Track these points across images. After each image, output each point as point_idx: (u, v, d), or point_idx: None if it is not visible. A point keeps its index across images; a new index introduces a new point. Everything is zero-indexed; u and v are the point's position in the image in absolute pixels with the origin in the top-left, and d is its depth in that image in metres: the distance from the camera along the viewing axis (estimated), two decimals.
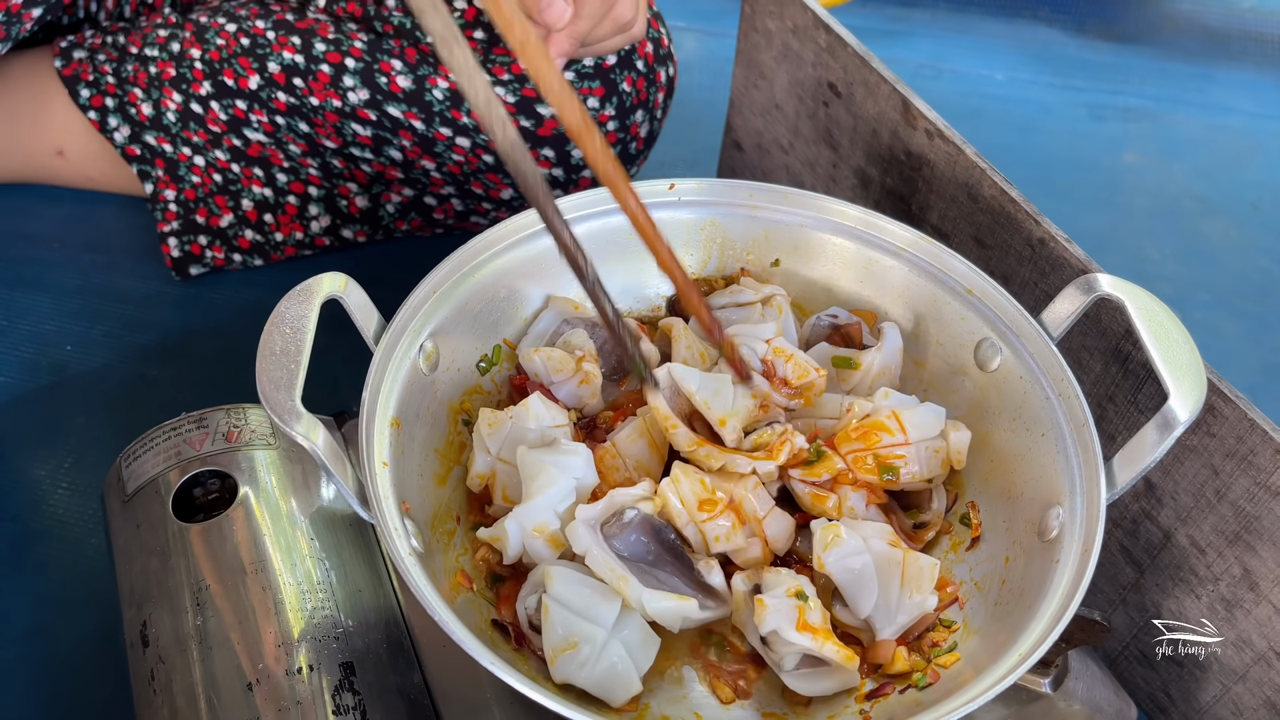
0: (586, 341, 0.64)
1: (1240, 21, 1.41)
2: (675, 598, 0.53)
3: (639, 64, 0.85)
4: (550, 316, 0.66)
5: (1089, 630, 0.53)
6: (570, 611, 0.52)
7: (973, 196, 0.69)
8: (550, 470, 0.56)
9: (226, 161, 0.89)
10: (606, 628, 0.51)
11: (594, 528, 0.54)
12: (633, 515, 0.55)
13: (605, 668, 0.51)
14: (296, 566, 0.58)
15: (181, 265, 0.92)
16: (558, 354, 0.62)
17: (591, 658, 0.51)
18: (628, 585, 0.52)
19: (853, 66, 0.76)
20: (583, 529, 0.54)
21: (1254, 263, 1.07)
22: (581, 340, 0.64)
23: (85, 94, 0.90)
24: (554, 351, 0.63)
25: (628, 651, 0.52)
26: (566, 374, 0.62)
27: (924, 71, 1.28)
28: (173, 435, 0.63)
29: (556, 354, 0.62)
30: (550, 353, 0.62)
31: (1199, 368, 0.53)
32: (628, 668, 0.51)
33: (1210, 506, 0.58)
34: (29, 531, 0.75)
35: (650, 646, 0.53)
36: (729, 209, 0.68)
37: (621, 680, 0.51)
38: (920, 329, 0.65)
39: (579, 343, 0.64)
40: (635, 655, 0.52)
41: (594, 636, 0.51)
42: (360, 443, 0.53)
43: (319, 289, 0.55)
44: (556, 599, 0.52)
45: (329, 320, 0.56)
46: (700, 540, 0.56)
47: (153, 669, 0.55)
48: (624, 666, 0.51)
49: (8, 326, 0.89)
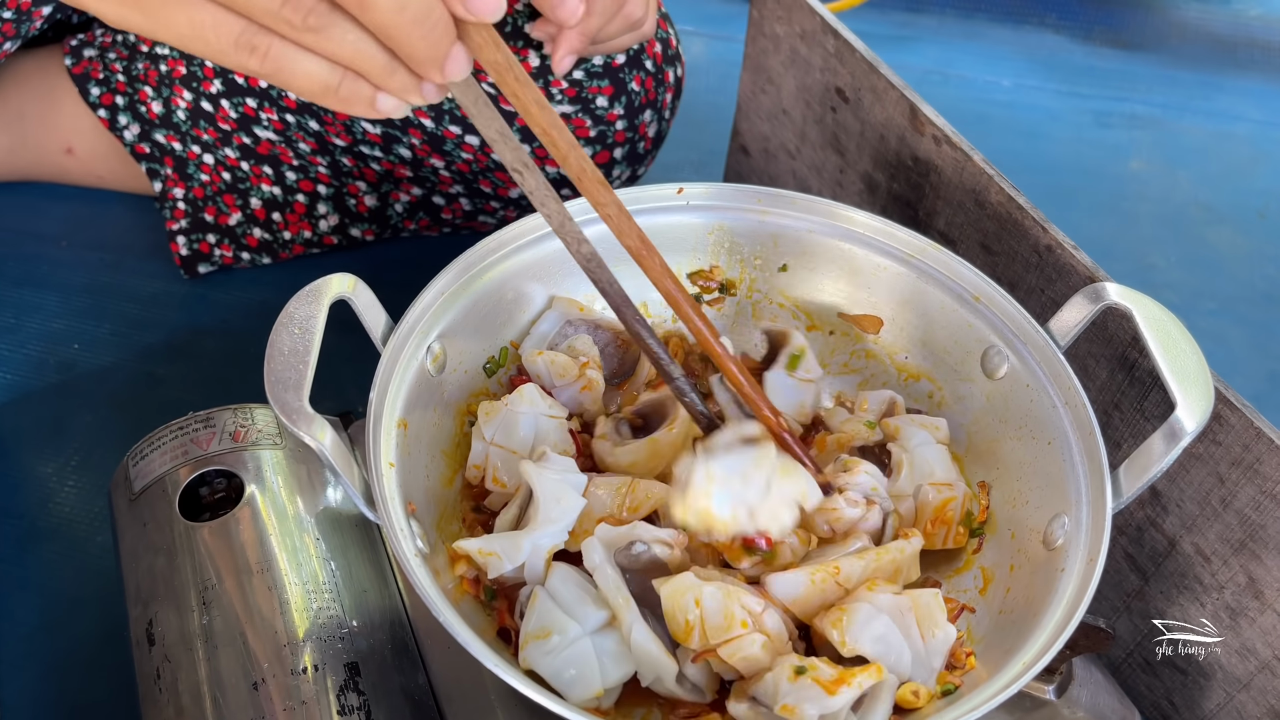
0: (590, 347, 0.64)
1: (1247, 29, 1.41)
2: (662, 650, 0.50)
3: (648, 64, 0.85)
4: (553, 317, 0.66)
5: (1093, 638, 0.53)
6: (556, 604, 0.52)
7: (980, 203, 0.69)
8: (571, 496, 0.55)
9: (236, 160, 0.90)
10: (584, 628, 0.51)
11: (609, 549, 0.53)
12: (641, 550, 0.53)
13: (568, 659, 0.50)
14: (302, 566, 0.59)
15: (190, 264, 0.92)
16: (561, 359, 0.62)
17: (559, 648, 0.50)
18: (626, 609, 0.51)
19: (860, 72, 0.76)
20: (599, 546, 0.53)
21: (1260, 270, 1.07)
22: (585, 345, 0.64)
23: (95, 92, 0.90)
24: (558, 356, 0.63)
25: (597, 656, 0.50)
26: (569, 379, 0.62)
27: (931, 77, 1.28)
28: (180, 434, 0.64)
29: (560, 359, 0.62)
30: (554, 357, 0.62)
31: (1206, 377, 0.53)
32: (592, 669, 0.50)
33: (1216, 514, 0.58)
34: (35, 529, 0.75)
35: (623, 664, 0.51)
36: (737, 214, 0.68)
37: (582, 678, 0.50)
38: (927, 336, 0.65)
39: (583, 348, 0.64)
40: (604, 662, 0.51)
41: (568, 630, 0.50)
42: (367, 444, 0.53)
43: (328, 290, 0.55)
44: (549, 590, 0.52)
45: (336, 320, 0.56)
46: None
47: (158, 667, 0.56)
48: (588, 667, 0.50)
49: (15, 325, 0.89)
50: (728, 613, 0.50)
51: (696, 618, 0.50)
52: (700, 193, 0.68)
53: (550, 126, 0.46)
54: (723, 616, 0.50)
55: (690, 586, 0.50)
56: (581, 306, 0.66)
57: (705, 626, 0.50)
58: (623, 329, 0.63)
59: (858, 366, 0.68)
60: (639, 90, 0.85)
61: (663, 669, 0.50)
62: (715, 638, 0.50)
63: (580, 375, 0.62)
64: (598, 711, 0.51)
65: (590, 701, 0.50)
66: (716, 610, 0.50)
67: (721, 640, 0.50)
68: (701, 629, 0.50)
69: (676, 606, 0.50)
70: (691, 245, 0.69)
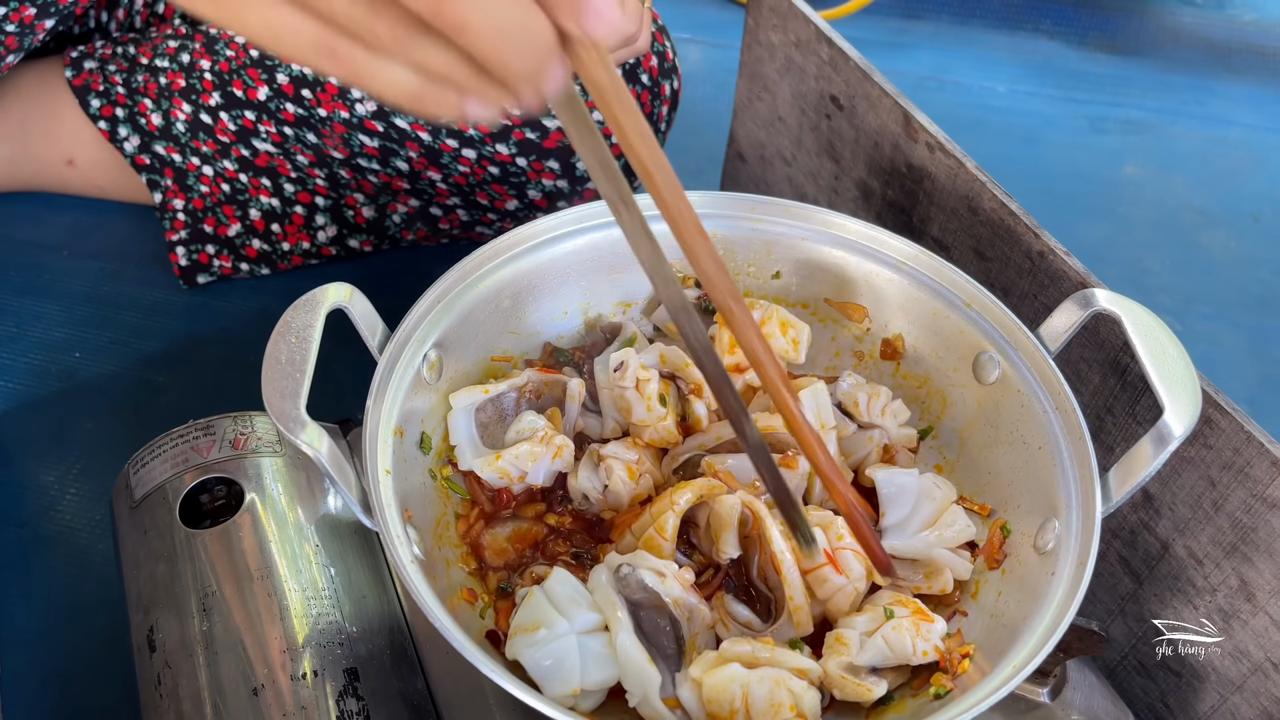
0: (537, 419, 0.61)
1: (1241, 34, 1.42)
2: (647, 660, 0.50)
3: (643, 78, 0.86)
4: (463, 418, 0.61)
5: (1087, 640, 0.53)
6: (549, 602, 0.52)
7: (973, 209, 0.70)
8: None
9: (235, 171, 0.90)
10: (574, 626, 0.51)
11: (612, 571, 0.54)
12: (628, 573, 0.53)
13: (551, 651, 0.50)
14: (302, 573, 0.59)
15: (189, 274, 0.93)
16: (524, 449, 0.59)
17: (544, 641, 0.51)
18: (618, 618, 0.51)
19: (855, 80, 0.76)
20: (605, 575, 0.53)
21: (1254, 275, 1.07)
22: (532, 420, 0.61)
23: (95, 104, 0.91)
24: (519, 449, 0.59)
25: (580, 654, 0.51)
26: (540, 458, 0.60)
27: (926, 83, 1.29)
28: (180, 442, 0.64)
29: (523, 450, 0.59)
30: (515, 452, 0.59)
31: (1194, 383, 0.54)
32: (573, 665, 0.50)
33: (1208, 518, 0.58)
34: (37, 536, 0.76)
35: (606, 668, 0.51)
36: (731, 221, 0.69)
37: (561, 670, 0.50)
38: (919, 342, 0.66)
39: (530, 424, 0.61)
40: (587, 662, 0.51)
41: (557, 625, 0.51)
42: (364, 451, 0.54)
43: (324, 299, 0.56)
44: (545, 589, 0.53)
45: (333, 329, 0.56)
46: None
47: (159, 673, 0.56)
48: (570, 662, 0.50)
49: (17, 333, 0.89)
50: (774, 700, 0.50)
51: (741, 706, 0.50)
52: (695, 201, 0.68)
53: (653, 165, 0.41)
54: (769, 704, 0.50)
55: (736, 677, 0.50)
56: (486, 388, 0.62)
57: (750, 712, 0.50)
58: (524, 382, 0.62)
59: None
60: None
61: (648, 681, 0.50)
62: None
63: (548, 448, 0.60)
64: (588, 714, 0.52)
65: (567, 699, 0.50)
66: (764, 698, 0.50)
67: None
68: (747, 714, 0.50)
69: (720, 693, 0.50)
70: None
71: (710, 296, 0.46)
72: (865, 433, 0.64)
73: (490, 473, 0.59)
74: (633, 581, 0.52)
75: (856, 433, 0.63)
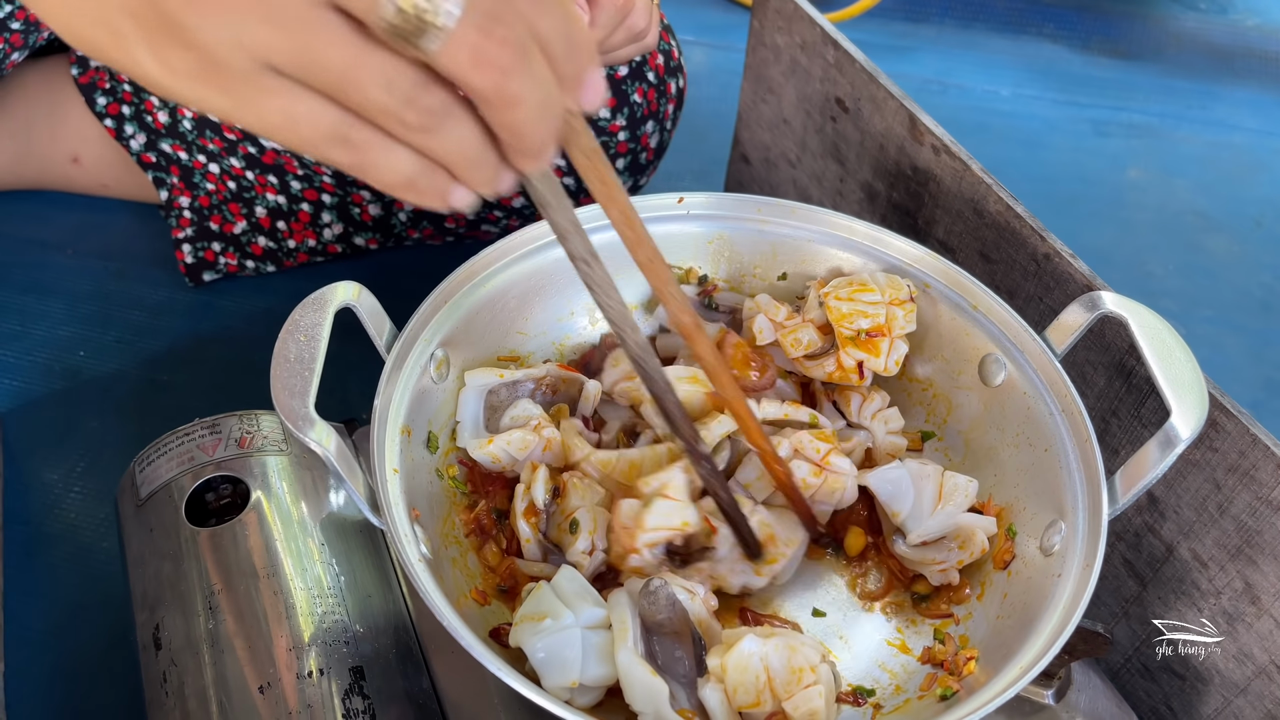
0: (533, 408, 0.62)
1: (1244, 39, 1.42)
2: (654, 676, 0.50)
3: (650, 75, 0.86)
4: (473, 397, 0.62)
5: (1091, 642, 0.53)
6: (557, 595, 0.53)
7: (978, 211, 0.70)
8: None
9: (241, 169, 0.90)
10: (579, 620, 0.52)
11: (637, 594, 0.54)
12: (658, 585, 0.53)
13: (553, 641, 0.51)
14: (307, 571, 0.59)
15: (195, 271, 0.93)
16: (516, 437, 0.60)
17: (548, 630, 0.51)
18: (625, 630, 0.51)
19: (860, 82, 0.77)
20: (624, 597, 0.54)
21: (1256, 279, 1.07)
22: (527, 408, 0.62)
23: (102, 101, 0.91)
24: (511, 436, 0.60)
25: (582, 647, 0.51)
26: (531, 448, 0.60)
27: (930, 87, 1.29)
28: (186, 440, 0.64)
29: (515, 437, 0.60)
30: (508, 438, 0.60)
31: (1201, 386, 0.54)
32: (574, 656, 0.51)
33: (1212, 521, 0.59)
34: (42, 535, 0.76)
35: (605, 665, 0.51)
36: (737, 223, 0.69)
37: (562, 661, 0.51)
38: (925, 344, 0.66)
39: (525, 412, 0.62)
40: (588, 655, 0.51)
41: (562, 616, 0.51)
42: (371, 450, 0.54)
43: (333, 297, 0.56)
44: (553, 584, 0.53)
45: (341, 327, 0.56)
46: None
47: (165, 672, 0.56)
48: (571, 653, 0.51)
49: (22, 331, 0.90)
50: (794, 666, 0.51)
51: (765, 680, 0.51)
52: (700, 202, 0.68)
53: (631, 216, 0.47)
54: (789, 671, 0.51)
55: (753, 651, 0.51)
56: (501, 372, 0.63)
57: (774, 685, 0.51)
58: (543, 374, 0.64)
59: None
60: (641, 102, 0.86)
61: (656, 693, 0.50)
62: (786, 693, 0.51)
63: (538, 438, 0.60)
64: (588, 710, 0.52)
65: (563, 690, 0.50)
66: (783, 666, 0.51)
67: (789, 694, 0.51)
68: (771, 689, 0.51)
69: (744, 673, 0.51)
70: (692, 254, 0.70)
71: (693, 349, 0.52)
72: (852, 432, 0.64)
73: (482, 455, 0.60)
74: (662, 596, 0.52)
75: (844, 429, 0.64)
